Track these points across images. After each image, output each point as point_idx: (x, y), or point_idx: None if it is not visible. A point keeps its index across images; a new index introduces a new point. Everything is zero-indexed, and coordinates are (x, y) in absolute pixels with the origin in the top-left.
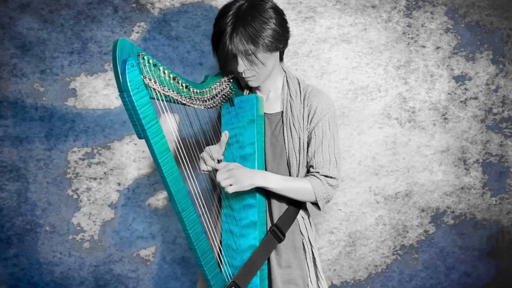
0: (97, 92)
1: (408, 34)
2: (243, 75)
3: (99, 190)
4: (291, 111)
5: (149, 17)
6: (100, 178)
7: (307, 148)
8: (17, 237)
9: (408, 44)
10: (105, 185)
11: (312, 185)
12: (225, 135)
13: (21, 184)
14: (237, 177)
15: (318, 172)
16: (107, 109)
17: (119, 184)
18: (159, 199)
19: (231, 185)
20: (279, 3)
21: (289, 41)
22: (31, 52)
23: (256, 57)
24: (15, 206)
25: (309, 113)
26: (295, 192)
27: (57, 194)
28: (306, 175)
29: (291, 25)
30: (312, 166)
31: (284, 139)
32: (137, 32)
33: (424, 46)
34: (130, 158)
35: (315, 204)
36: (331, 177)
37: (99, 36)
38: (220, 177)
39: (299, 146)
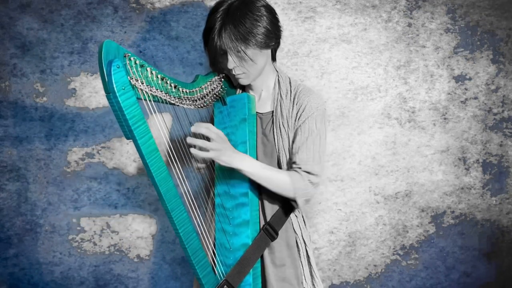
0: (97, 92)
1: (408, 34)
2: (233, 72)
3: (99, 190)
4: (281, 111)
5: (149, 17)
6: (100, 178)
7: (292, 145)
8: (17, 237)
9: (408, 44)
10: (105, 185)
11: (291, 179)
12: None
13: (21, 184)
14: (219, 147)
15: (300, 168)
16: (107, 109)
17: (119, 184)
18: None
19: (209, 151)
20: (279, 3)
21: (289, 41)
22: (31, 52)
23: (246, 54)
24: (15, 206)
25: (297, 111)
26: (271, 182)
27: (57, 194)
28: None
29: (291, 25)
30: (294, 162)
31: (274, 138)
32: (137, 32)
33: (424, 46)
34: (130, 158)
35: (294, 201)
36: (313, 174)
37: (99, 36)
38: (209, 133)
39: (289, 145)
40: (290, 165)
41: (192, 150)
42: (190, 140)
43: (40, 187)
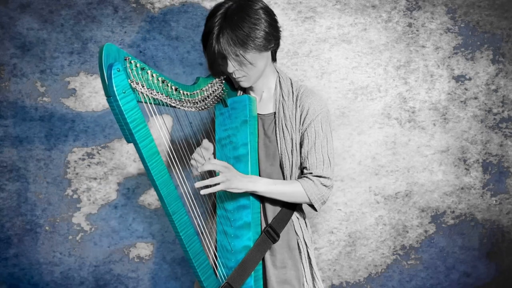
0: (97, 92)
1: (408, 34)
2: (233, 76)
3: (99, 190)
4: (283, 112)
5: (149, 17)
6: (100, 178)
7: (300, 149)
8: (17, 237)
9: (408, 44)
10: (105, 185)
11: (303, 188)
12: (205, 142)
13: (21, 184)
14: (228, 177)
15: (311, 173)
16: (107, 109)
17: (119, 184)
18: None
19: (219, 183)
20: (279, 3)
21: (289, 41)
22: (31, 52)
23: (245, 58)
24: (15, 206)
25: (301, 114)
26: (286, 195)
27: (57, 194)
28: (299, 178)
29: (291, 25)
30: (305, 168)
31: (276, 140)
32: (137, 32)
33: (424, 46)
34: (130, 158)
35: (311, 205)
36: (324, 177)
37: (99, 36)
38: (215, 167)
39: (292, 146)
40: (301, 170)
41: (202, 191)
42: (198, 184)
43: (40, 187)
